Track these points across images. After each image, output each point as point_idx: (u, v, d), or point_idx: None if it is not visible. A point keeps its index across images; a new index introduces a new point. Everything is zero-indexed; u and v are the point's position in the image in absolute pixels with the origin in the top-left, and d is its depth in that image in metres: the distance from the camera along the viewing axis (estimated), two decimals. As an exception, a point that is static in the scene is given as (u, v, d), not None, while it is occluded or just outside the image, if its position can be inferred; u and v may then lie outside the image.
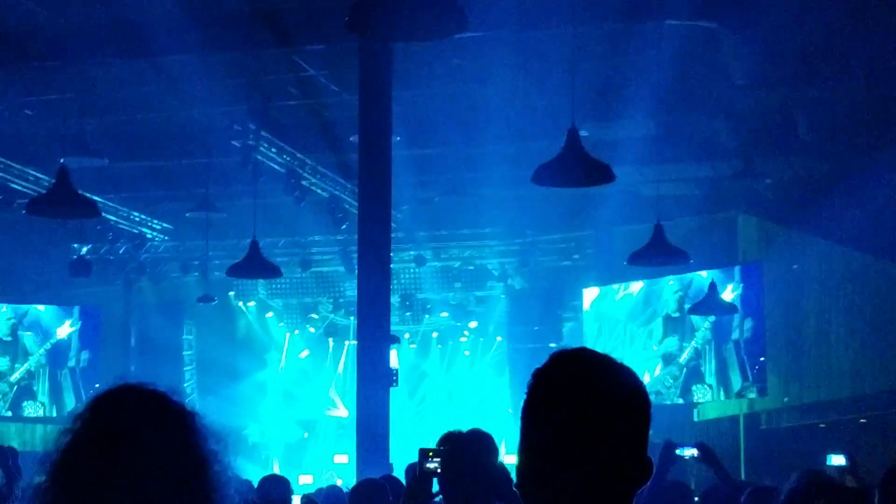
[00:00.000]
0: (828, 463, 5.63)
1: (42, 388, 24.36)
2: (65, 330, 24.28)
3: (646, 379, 20.92)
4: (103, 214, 20.36)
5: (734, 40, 13.32)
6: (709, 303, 17.44)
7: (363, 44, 13.38)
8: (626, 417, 2.49)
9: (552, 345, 23.19)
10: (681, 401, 20.56)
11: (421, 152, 18.36)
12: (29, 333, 24.29)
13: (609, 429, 2.46)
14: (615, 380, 2.52)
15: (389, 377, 14.11)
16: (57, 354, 24.34)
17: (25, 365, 24.27)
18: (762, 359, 19.20)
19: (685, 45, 13.59)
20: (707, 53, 14.15)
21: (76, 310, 24.25)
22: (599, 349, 2.59)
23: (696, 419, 21.15)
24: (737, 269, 19.70)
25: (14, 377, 24.22)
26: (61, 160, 13.66)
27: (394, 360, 18.63)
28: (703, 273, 19.68)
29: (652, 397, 2.58)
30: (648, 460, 2.51)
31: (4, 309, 24.04)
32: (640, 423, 2.51)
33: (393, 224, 19.59)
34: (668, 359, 20.83)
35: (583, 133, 14.94)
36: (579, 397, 2.47)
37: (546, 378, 2.53)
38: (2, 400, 24.17)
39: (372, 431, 13.65)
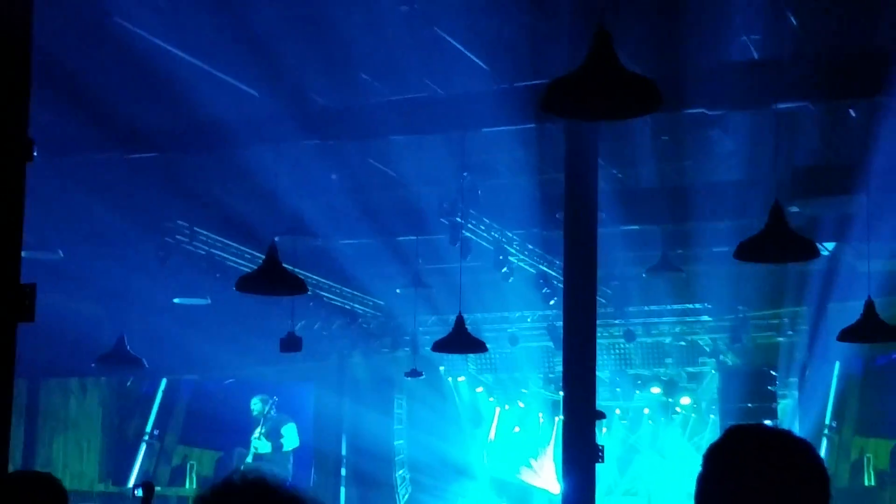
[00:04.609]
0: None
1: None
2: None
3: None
4: (317, 291, 20.89)
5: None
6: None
7: (568, 121, 13.47)
8: (801, 493, 2.49)
9: (767, 422, 22.72)
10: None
11: (628, 228, 18.34)
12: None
13: (780, 499, 2.47)
14: (789, 456, 2.53)
15: (595, 453, 13.99)
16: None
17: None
18: None
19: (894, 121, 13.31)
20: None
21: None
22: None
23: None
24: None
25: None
26: (275, 238, 14.11)
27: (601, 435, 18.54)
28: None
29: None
30: None
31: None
32: (816, 499, 2.51)
33: (602, 300, 19.62)
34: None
35: (794, 209, 14.81)
36: (752, 472, 2.49)
37: (720, 452, 2.57)
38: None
39: (578, 508, 13.53)
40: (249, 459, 25.27)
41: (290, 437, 25.50)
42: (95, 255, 18.54)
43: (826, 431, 21.49)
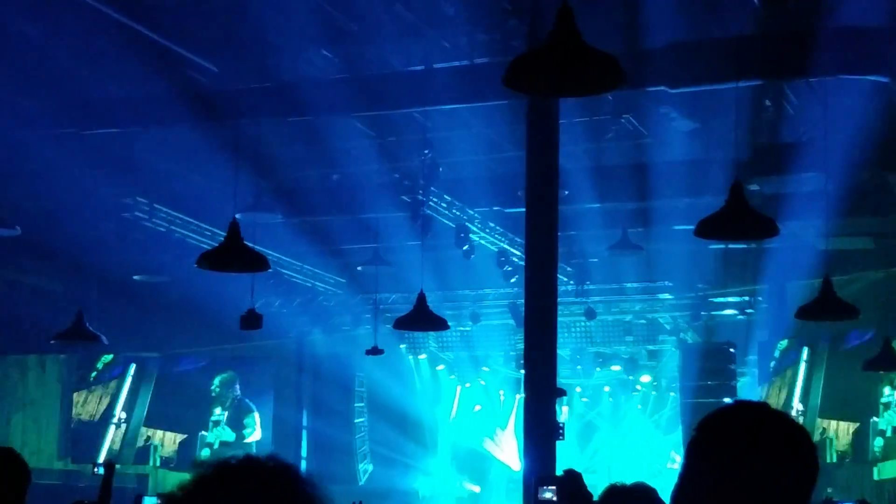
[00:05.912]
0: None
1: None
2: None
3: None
4: (277, 269, 20.80)
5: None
6: (885, 358, 17.00)
7: (530, 99, 13.45)
8: (790, 473, 2.51)
9: (726, 399, 22.84)
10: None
11: (590, 206, 18.36)
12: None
13: (770, 480, 2.49)
14: (784, 437, 2.55)
15: (556, 430, 14.04)
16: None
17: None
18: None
19: (856, 100, 13.38)
20: (879, 107, 13.89)
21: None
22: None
23: (875, 477, 20.58)
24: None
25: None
26: (236, 216, 14.05)
27: (564, 413, 18.63)
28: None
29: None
30: None
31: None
32: (803, 481, 2.53)
33: (563, 278, 19.67)
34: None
35: (753, 188, 14.86)
36: (746, 445, 2.51)
37: (719, 420, 2.59)
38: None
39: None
40: (216, 446, 25.24)
41: (254, 429, 25.49)
42: (54, 231, 18.40)
43: (793, 413, 21.69)
